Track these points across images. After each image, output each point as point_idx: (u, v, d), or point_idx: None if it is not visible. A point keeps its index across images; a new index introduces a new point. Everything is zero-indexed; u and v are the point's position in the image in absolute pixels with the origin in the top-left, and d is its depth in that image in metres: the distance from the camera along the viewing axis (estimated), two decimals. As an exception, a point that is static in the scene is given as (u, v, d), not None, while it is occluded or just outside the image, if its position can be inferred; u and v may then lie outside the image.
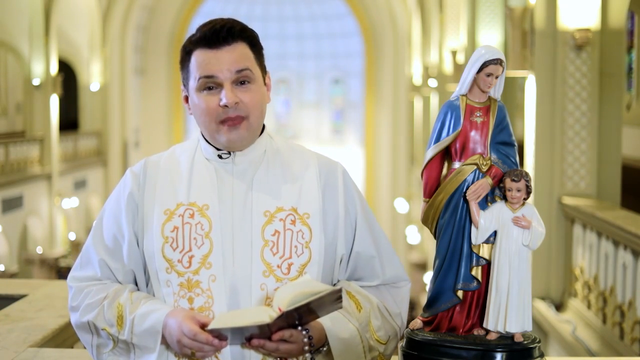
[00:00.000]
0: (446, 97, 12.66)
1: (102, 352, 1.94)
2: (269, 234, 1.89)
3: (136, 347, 1.88)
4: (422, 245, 19.13)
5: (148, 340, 1.85)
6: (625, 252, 5.64)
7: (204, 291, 1.86)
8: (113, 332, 1.89)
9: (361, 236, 2.00)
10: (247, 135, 1.90)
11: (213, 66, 1.86)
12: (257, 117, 1.91)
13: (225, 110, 1.86)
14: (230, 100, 1.85)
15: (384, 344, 1.98)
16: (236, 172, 1.94)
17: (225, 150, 1.94)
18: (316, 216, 1.94)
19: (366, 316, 1.95)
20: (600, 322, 6.05)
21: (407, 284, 2.09)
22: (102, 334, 1.91)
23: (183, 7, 26.19)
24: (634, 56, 10.54)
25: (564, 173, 7.05)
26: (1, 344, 2.86)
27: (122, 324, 1.87)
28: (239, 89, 1.87)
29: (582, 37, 6.85)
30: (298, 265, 1.90)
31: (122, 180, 2.01)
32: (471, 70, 1.89)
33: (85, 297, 1.94)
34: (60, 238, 18.02)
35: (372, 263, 2.02)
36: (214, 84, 1.87)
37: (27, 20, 17.57)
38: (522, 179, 1.86)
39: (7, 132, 18.44)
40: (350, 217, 1.99)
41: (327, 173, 2.00)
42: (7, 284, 4.17)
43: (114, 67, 22.78)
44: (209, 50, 1.88)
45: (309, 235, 1.92)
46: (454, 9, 14.51)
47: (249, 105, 1.88)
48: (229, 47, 1.88)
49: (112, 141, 22.64)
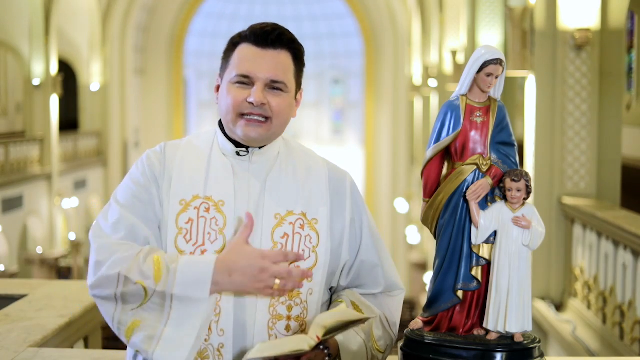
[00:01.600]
0: (446, 97, 12.67)
1: (127, 310, 1.80)
2: (278, 236, 1.91)
3: (174, 300, 1.77)
4: (422, 245, 19.13)
5: (194, 290, 1.76)
6: (625, 252, 5.64)
7: None
8: (148, 285, 1.77)
9: (366, 245, 2.02)
10: (266, 135, 1.91)
11: (253, 65, 1.88)
12: (280, 124, 1.92)
13: (250, 107, 1.87)
14: (258, 99, 1.86)
15: (382, 352, 2.02)
16: (252, 170, 1.94)
17: (243, 146, 1.94)
18: (324, 222, 1.96)
19: (369, 327, 1.98)
20: (600, 322, 6.05)
21: (401, 292, 2.12)
22: (133, 287, 1.78)
23: (183, 7, 26.19)
24: (634, 56, 10.53)
25: (564, 173, 7.05)
26: (1, 344, 2.86)
27: (161, 275, 1.78)
28: (270, 93, 1.89)
29: (582, 37, 6.85)
30: (304, 269, 1.91)
31: (142, 159, 1.97)
32: (471, 70, 1.89)
33: (115, 251, 1.82)
34: (60, 238, 18.03)
35: (375, 271, 2.04)
36: (249, 81, 1.89)
37: (27, 20, 17.58)
38: (522, 179, 1.86)
39: (7, 132, 18.46)
40: (355, 226, 2.01)
41: (336, 181, 2.02)
42: (7, 284, 4.16)
43: (114, 67, 22.79)
44: (254, 47, 1.89)
45: (316, 240, 1.94)
46: (454, 9, 14.52)
47: (274, 109, 1.89)
48: (275, 51, 1.89)
49: (112, 141, 22.65)
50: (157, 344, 1.77)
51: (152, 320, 1.79)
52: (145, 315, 1.79)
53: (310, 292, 1.93)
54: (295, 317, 1.90)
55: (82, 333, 3.40)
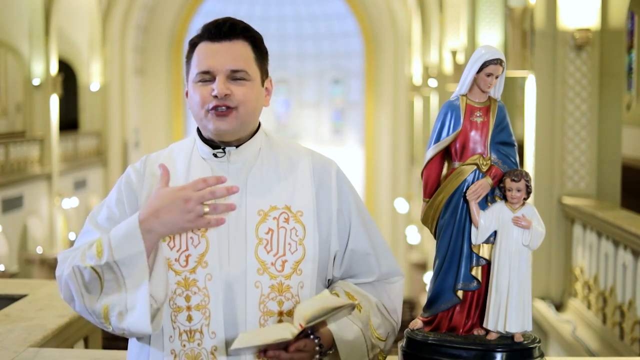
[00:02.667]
0: (446, 97, 12.66)
1: (94, 300, 1.83)
2: (262, 232, 1.91)
3: (120, 266, 1.78)
4: (422, 245, 19.13)
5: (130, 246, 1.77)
6: (625, 252, 5.64)
7: (200, 289, 1.87)
8: (95, 263, 1.80)
9: (356, 234, 2.01)
10: (235, 126, 1.91)
11: (211, 61, 1.89)
12: (247, 111, 1.91)
13: (215, 100, 1.88)
14: (221, 90, 1.87)
15: (384, 340, 2.00)
16: (231, 171, 1.95)
17: (218, 144, 1.95)
18: (309, 214, 1.95)
19: (366, 315, 1.97)
20: (600, 322, 6.05)
21: (401, 278, 2.10)
22: (86, 273, 1.81)
23: (183, 7, 26.19)
24: (634, 56, 10.53)
25: (564, 173, 7.05)
26: (1, 344, 2.86)
27: (102, 250, 1.80)
28: (233, 83, 1.89)
29: (582, 37, 6.85)
30: (292, 263, 1.91)
31: (123, 176, 2.02)
32: (471, 70, 1.89)
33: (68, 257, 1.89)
34: (60, 238, 18.03)
35: (367, 260, 2.03)
36: (210, 77, 1.90)
37: (27, 20, 17.58)
38: (522, 179, 1.86)
39: (7, 132, 18.45)
40: (343, 215, 2.00)
41: (321, 171, 2.02)
42: (7, 284, 4.17)
43: (114, 67, 22.79)
44: (210, 43, 1.91)
45: (302, 233, 1.93)
46: (454, 9, 14.51)
47: (239, 98, 1.89)
48: (230, 42, 1.91)
49: (112, 141, 22.65)
50: (126, 314, 1.80)
51: (116, 297, 1.81)
52: (110, 297, 1.81)
53: (301, 286, 1.92)
54: (287, 312, 1.90)
55: (82, 333, 3.40)
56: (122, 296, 1.80)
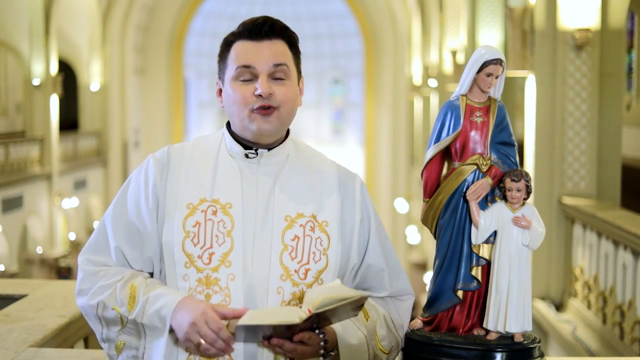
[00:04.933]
0: (446, 97, 12.66)
1: (112, 331, 1.90)
2: (288, 238, 1.90)
3: (146, 328, 1.84)
4: (422, 245, 19.13)
5: (156, 322, 1.82)
6: (625, 252, 5.64)
7: (222, 289, 1.85)
8: (123, 312, 1.85)
9: (373, 249, 2.01)
10: (277, 126, 1.90)
11: (252, 57, 1.88)
12: (287, 112, 1.91)
13: (259, 100, 1.87)
14: (265, 90, 1.86)
15: (387, 353, 1.99)
16: (261, 172, 1.94)
17: (252, 145, 1.93)
18: (334, 224, 1.95)
19: (373, 325, 1.96)
20: (600, 322, 6.04)
21: (411, 297, 2.10)
22: (111, 313, 1.86)
23: (183, 7, 26.18)
24: (634, 56, 10.54)
25: (564, 173, 7.05)
26: (1, 344, 2.86)
27: (134, 304, 1.84)
28: (274, 83, 1.89)
29: (582, 37, 6.85)
30: (315, 272, 1.90)
31: (143, 167, 1.98)
32: (471, 70, 1.89)
33: (98, 280, 1.90)
34: (60, 238, 18.02)
35: (381, 275, 2.03)
36: (251, 75, 1.89)
37: (27, 20, 17.57)
38: (522, 179, 1.87)
39: (7, 132, 18.45)
40: (364, 229, 2.00)
41: (346, 183, 2.02)
42: (7, 284, 4.16)
43: (114, 67, 22.78)
44: (249, 42, 1.91)
45: (327, 243, 1.93)
46: (454, 9, 14.51)
47: (281, 99, 1.88)
48: (270, 41, 1.91)
49: (112, 141, 22.64)
50: None
51: (134, 341, 1.88)
52: (127, 338, 1.89)
53: None
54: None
55: (82, 333, 3.40)
56: (140, 344, 1.88)
